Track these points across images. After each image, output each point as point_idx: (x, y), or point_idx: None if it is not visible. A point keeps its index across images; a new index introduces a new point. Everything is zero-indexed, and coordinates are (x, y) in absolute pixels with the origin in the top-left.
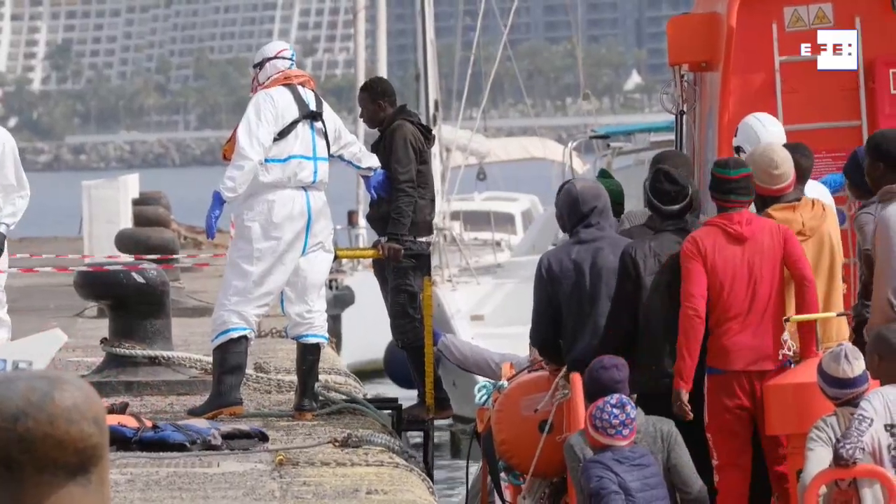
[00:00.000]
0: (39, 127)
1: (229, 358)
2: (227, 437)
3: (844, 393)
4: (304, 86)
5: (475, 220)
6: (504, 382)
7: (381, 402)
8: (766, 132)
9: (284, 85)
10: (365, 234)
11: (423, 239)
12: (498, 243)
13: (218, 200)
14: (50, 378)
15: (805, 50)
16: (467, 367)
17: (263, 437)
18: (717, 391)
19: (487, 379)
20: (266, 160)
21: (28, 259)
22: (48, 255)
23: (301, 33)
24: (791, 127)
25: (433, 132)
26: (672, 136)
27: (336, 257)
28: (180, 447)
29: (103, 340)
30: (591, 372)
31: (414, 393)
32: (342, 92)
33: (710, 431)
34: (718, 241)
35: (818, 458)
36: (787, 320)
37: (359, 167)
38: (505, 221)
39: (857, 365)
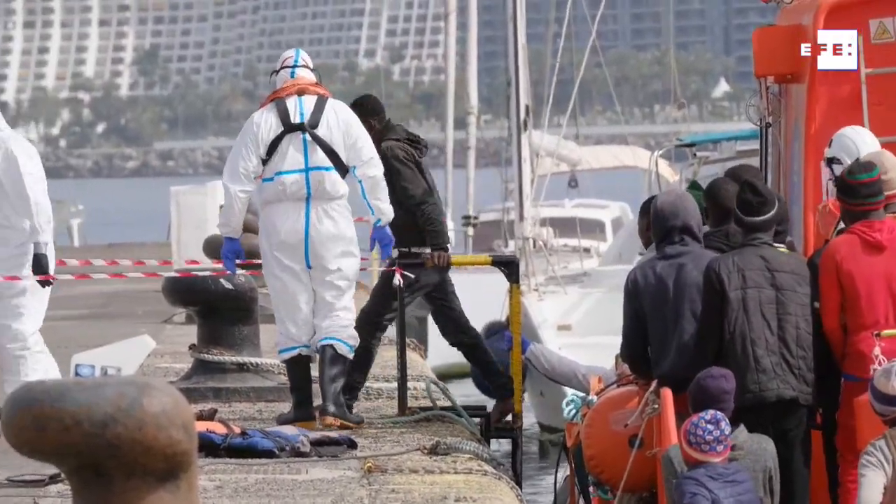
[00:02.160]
0: (127, 133)
1: (290, 376)
2: (316, 443)
3: (891, 410)
4: (302, 94)
5: (564, 226)
6: (593, 397)
7: (470, 410)
8: (864, 143)
9: (273, 100)
10: (453, 236)
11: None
12: (587, 250)
13: (225, 238)
14: (139, 384)
15: (805, 50)
16: (554, 378)
17: (352, 445)
18: (854, 396)
19: (576, 392)
20: (263, 180)
21: (117, 265)
22: (136, 260)
23: (389, 40)
24: (877, 139)
25: (422, 140)
26: (758, 145)
27: (423, 264)
28: (269, 454)
29: (192, 346)
30: (700, 381)
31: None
32: (430, 99)
33: (840, 431)
34: (855, 249)
35: (870, 482)
36: (878, 335)
37: (365, 196)
38: (594, 228)
39: None
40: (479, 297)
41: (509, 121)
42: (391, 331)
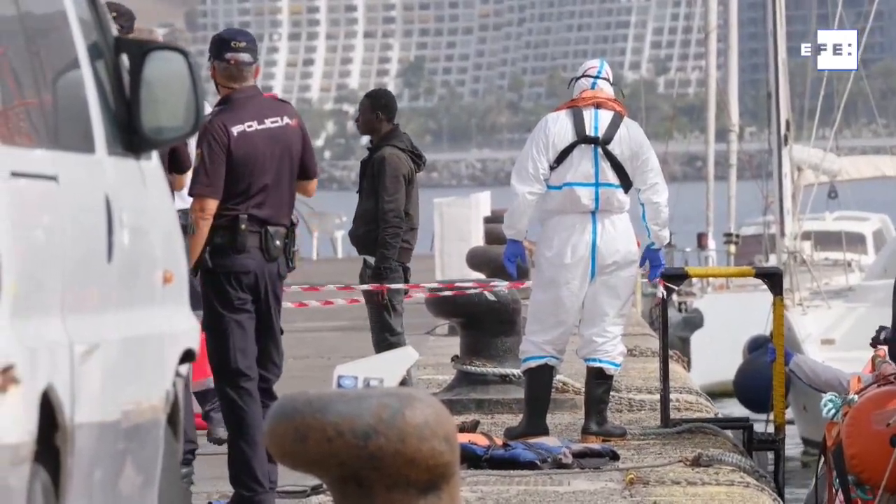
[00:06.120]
0: None
1: (529, 387)
2: (578, 455)
3: None
4: (600, 107)
5: (825, 240)
6: (853, 396)
7: (732, 422)
8: None
9: (571, 107)
10: (714, 256)
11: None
12: (849, 264)
13: (508, 240)
14: (401, 396)
15: (805, 50)
16: (818, 386)
17: (614, 456)
18: None
19: (834, 392)
20: (548, 187)
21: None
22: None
23: (654, 52)
24: None
25: (423, 157)
26: None
27: (686, 275)
28: (531, 465)
29: (454, 358)
30: None
31: (764, 416)
32: (694, 111)
33: None
34: None
35: None
36: None
37: (645, 219)
38: (856, 241)
39: None
40: (744, 315)
41: (769, 135)
42: (654, 342)
